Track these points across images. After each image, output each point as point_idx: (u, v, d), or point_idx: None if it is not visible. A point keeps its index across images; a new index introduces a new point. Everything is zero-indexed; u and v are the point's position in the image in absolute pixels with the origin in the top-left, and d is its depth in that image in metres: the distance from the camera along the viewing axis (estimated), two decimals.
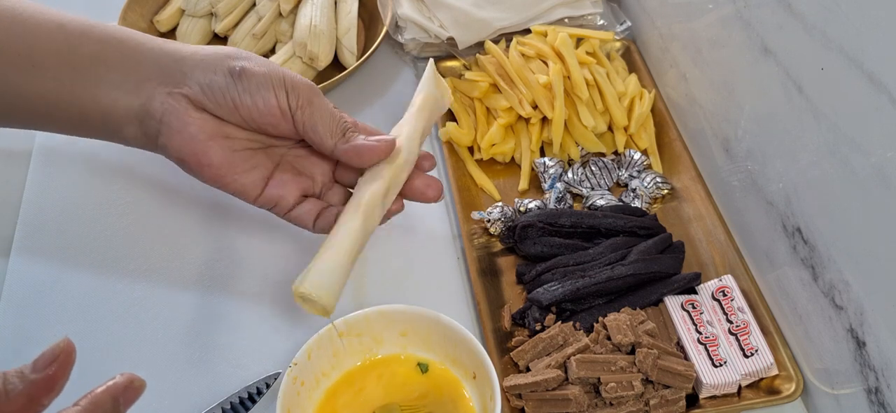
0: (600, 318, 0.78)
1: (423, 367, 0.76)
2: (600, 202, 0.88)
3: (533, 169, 0.93)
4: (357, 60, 1.02)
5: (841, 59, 0.64)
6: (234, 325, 0.82)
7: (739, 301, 0.79)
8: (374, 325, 0.76)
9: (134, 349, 0.80)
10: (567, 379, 0.74)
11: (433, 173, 0.94)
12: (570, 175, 0.91)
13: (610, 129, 0.95)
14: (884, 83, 0.59)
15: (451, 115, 0.98)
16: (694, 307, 0.79)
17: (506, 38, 1.03)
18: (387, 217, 0.78)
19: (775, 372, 0.75)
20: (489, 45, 0.98)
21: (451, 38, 1.03)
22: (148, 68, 0.74)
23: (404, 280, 0.86)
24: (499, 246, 0.87)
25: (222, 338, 0.81)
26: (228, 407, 0.73)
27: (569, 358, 0.74)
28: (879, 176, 0.61)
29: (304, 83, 0.75)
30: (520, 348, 0.77)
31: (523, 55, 0.97)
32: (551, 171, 0.91)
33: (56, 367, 0.53)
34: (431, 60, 0.84)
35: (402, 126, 0.80)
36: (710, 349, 0.76)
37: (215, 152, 0.74)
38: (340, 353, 0.76)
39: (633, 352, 0.75)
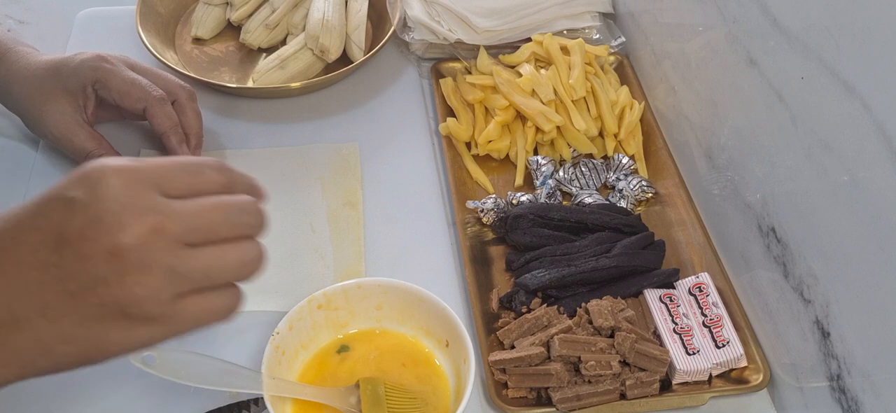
0: (583, 304, 0.82)
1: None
2: (588, 200, 0.93)
3: (526, 166, 0.98)
4: (364, 56, 1.07)
5: (819, 68, 0.69)
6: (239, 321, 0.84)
7: (714, 297, 0.84)
8: (352, 299, 0.80)
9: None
10: (549, 357, 0.78)
11: (431, 165, 1.00)
12: (561, 174, 0.96)
13: (600, 135, 1.00)
14: (857, 90, 0.65)
15: (450, 111, 1.03)
16: (671, 300, 0.84)
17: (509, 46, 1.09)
18: None
19: (744, 363, 0.80)
20: (482, 65, 1.04)
21: (459, 40, 1.08)
22: None
23: (399, 264, 0.89)
24: (491, 235, 0.92)
25: (227, 334, 0.83)
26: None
27: (552, 337, 0.78)
28: (849, 175, 0.67)
29: None
30: (506, 327, 0.81)
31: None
32: (544, 169, 0.95)
33: None
34: None
35: None
36: (684, 338, 0.80)
37: None
38: (319, 326, 0.79)
39: (612, 336, 0.79)
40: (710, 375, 0.79)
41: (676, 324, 0.81)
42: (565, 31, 1.10)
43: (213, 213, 0.55)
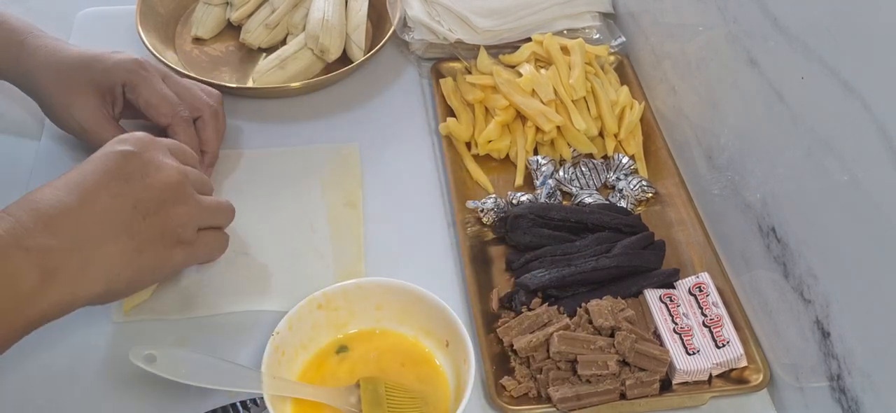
0: (583, 304, 0.82)
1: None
2: (588, 200, 0.93)
3: (526, 166, 0.98)
4: (364, 56, 1.07)
5: (819, 68, 0.69)
6: (243, 322, 0.84)
7: (714, 297, 0.84)
8: (352, 299, 0.80)
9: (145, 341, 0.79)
10: (548, 354, 0.78)
11: (431, 165, 1.00)
12: (561, 174, 0.96)
13: (600, 135, 1.00)
14: (857, 90, 0.65)
15: (450, 111, 1.03)
16: (671, 300, 0.84)
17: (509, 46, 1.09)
18: None
19: (744, 363, 0.80)
20: (482, 65, 1.04)
21: (459, 40, 1.08)
22: None
23: (399, 264, 0.89)
24: (491, 235, 0.92)
25: (227, 334, 0.83)
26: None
27: (551, 334, 0.78)
28: (849, 175, 0.67)
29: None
30: (506, 325, 0.81)
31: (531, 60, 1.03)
32: (544, 168, 0.95)
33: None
34: None
35: None
36: (684, 338, 0.80)
37: None
38: (318, 326, 0.79)
39: (612, 336, 0.79)
40: (710, 375, 0.79)
41: (676, 324, 0.81)
42: (565, 31, 1.10)
43: (206, 181, 0.82)
